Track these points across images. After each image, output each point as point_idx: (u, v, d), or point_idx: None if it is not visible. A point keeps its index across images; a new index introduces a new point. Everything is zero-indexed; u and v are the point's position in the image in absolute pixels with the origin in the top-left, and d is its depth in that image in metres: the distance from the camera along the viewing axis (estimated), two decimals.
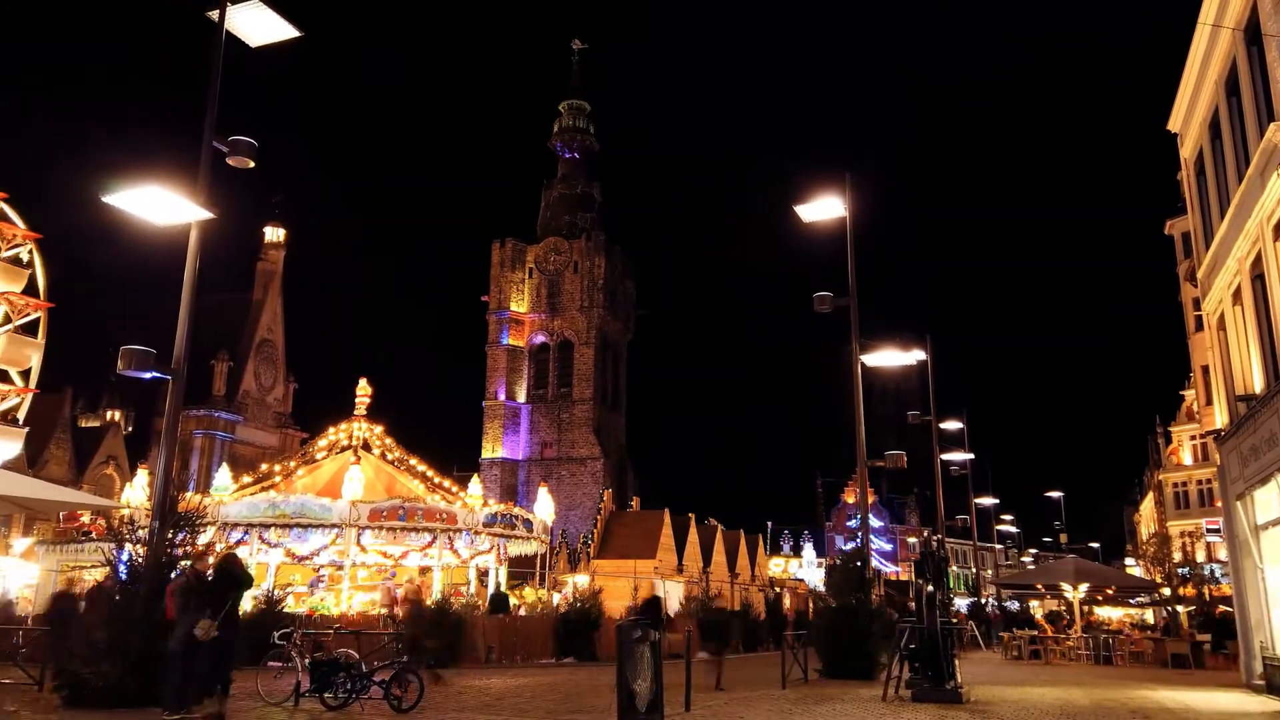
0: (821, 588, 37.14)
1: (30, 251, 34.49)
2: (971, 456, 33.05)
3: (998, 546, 79.74)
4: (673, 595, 38.46)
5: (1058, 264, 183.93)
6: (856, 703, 13.55)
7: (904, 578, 70.66)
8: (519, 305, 74.65)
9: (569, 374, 72.62)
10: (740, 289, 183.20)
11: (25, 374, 33.98)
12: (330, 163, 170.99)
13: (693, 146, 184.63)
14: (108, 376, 57.31)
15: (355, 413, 31.00)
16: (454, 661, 20.88)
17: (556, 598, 30.93)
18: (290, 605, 23.35)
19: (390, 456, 31.30)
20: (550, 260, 75.25)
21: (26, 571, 32.58)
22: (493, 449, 71.52)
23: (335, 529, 25.71)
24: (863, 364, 18.88)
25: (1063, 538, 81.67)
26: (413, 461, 31.46)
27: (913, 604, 17.30)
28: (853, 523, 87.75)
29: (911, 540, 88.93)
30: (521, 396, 72.98)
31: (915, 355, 21.59)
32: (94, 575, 24.80)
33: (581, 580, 36.17)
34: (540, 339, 74.16)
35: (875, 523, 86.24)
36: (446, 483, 31.48)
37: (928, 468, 28.81)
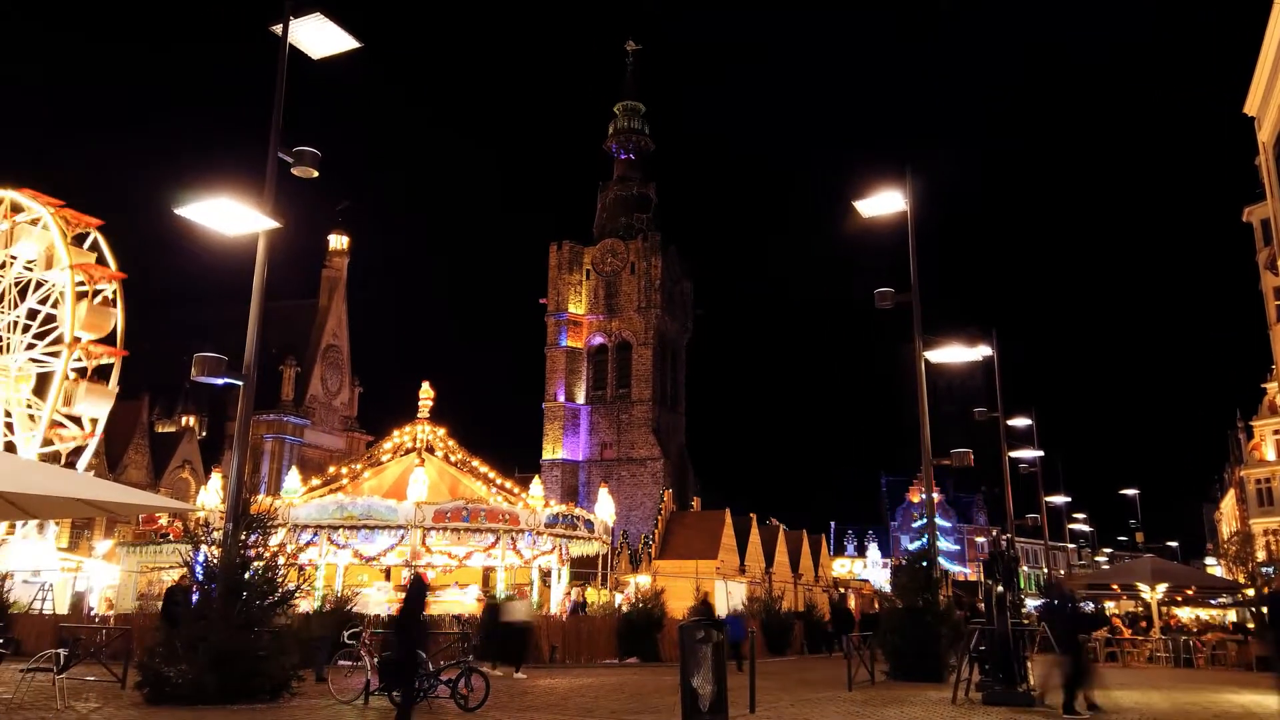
0: (887, 588, 36.60)
1: (115, 291, 35.96)
2: (1041, 454, 32.18)
3: (1070, 546, 77.61)
4: (735, 596, 38.28)
5: (1130, 254, 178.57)
6: (925, 705, 13.31)
7: (972, 578, 69.26)
8: (577, 307, 75.06)
9: (627, 375, 72.78)
10: (800, 286, 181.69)
11: (94, 421, 35.26)
12: (389, 169, 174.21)
13: (749, 143, 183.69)
14: (182, 383, 59.06)
15: (418, 415, 31.50)
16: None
17: (619, 598, 31.02)
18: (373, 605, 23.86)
19: (453, 458, 31.73)
20: (607, 262, 75.51)
21: (109, 572, 33.79)
22: (553, 450, 72.03)
23: (401, 530, 26.14)
24: (926, 361, 18.53)
25: (1139, 537, 79.10)
26: (475, 463, 31.85)
27: (982, 605, 16.93)
28: (919, 522, 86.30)
29: (980, 540, 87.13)
30: (581, 398, 73.36)
31: (981, 351, 21.11)
32: (172, 576, 25.64)
33: (643, 581, 36.21)
34: (598, 340, 74.46)
35: (942, 522, 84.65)
36: (508, 484, 31.80)
37: (996, 466, 28.18)
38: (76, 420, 34.78)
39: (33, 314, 35.69)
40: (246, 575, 12.60)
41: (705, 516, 48.99)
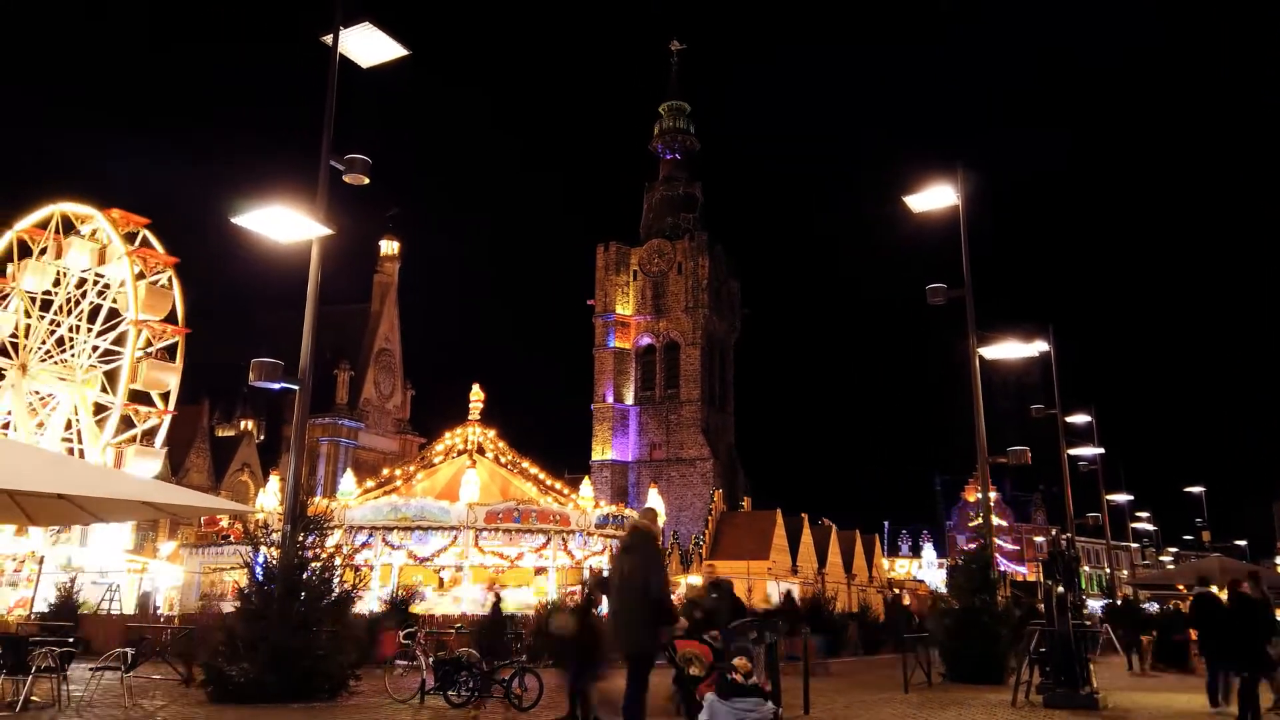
0: (943, 589, 35.98)
1: (170, 277, 36.90)
2: (1102, 451, 31.37)
3: (1133, 545, 75.65)
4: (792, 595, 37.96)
5: (1194, 244, 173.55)
6: (984, 707, 13.06)
7: (1031, 578, 67.88)
8: (624, 308, 75.20)
9: (676, 375, 72.71)
10: (850, 283, 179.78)
11: (165, 396, 36.32)
12: (436, 173, 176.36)
13: (796, 141, 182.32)
14: (241, 388, 60.50)
15: (469, 418, 31.83)
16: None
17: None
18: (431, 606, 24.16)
19: (504, 460, 32.01)
20: (654, 262, 75.53)
21: (173, 573, 34.71)
22: (602, 451, 72.24)
23: (454, 531, 26.44)
24: (981, 357, 18.19)
25: (1205, 535, 76.75)
26: (525, 464, 32.09)
27: (1042, 606, 16.56)
28: (975, 522, 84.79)
29: (1038, 539, 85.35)
30: (629, 398, 73.47)
31: (1037, 346, 20.66)
32: (233, 576, 26.24)
33: (694, 581, 36.13)
34: (646, 341, 74.50)
35: (999, 521, 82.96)
36: (558, 485, 31.99)
37: (1054, 464, 27.52)
38: (148, 401, 35.75)
39: (94, 315, 36.78)
40: (304, 576, 12.82)
41: (756, 517, 48.77)
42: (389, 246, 74.13)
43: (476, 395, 31.85)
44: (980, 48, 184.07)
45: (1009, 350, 18.87)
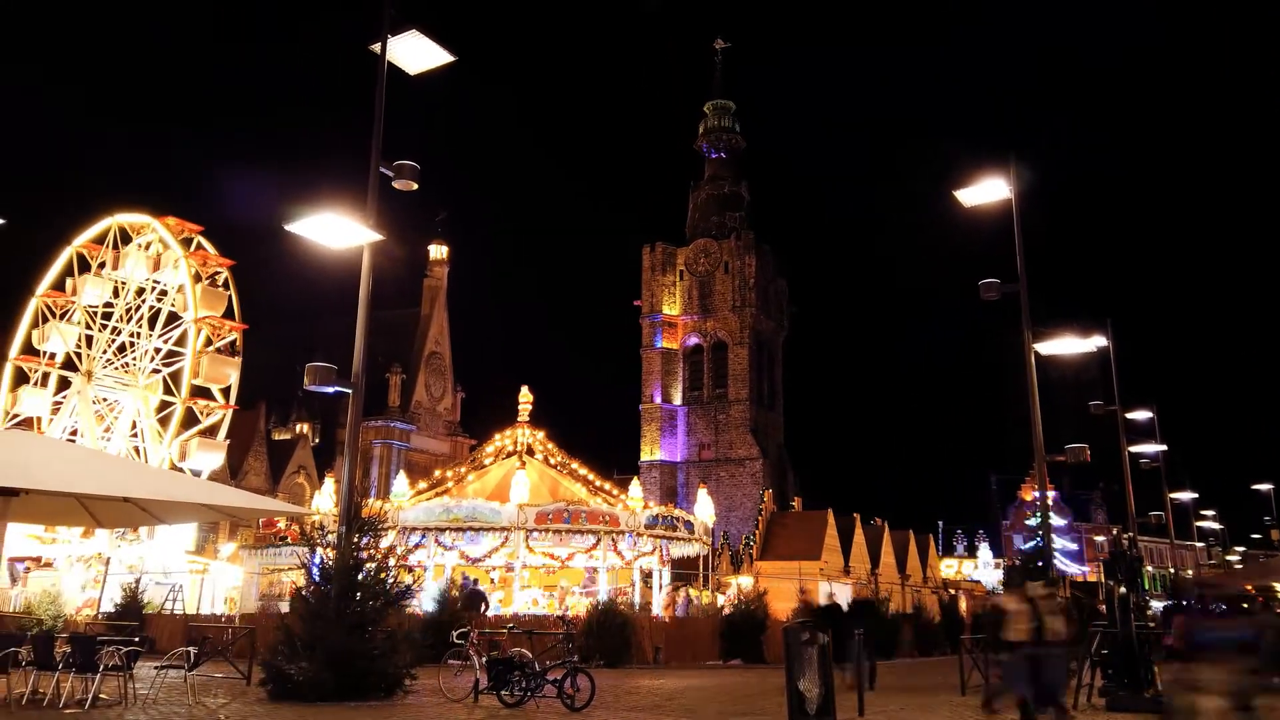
0: (1000, 590, 35.31)
1: (226, 278, 37.82)
2: (1164, 448, 30.47)
3: (1199, 545, 73.48)
4: (840, 597, 37.59)
5: (1254, 234, 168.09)
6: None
7: (1092, 579, 66.35)
8: (671, 308, 75.15)
9: (724, 375, 72.47)
10: (900, 279, 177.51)
11: (225, 391, 37.22)
12: (483, 176, 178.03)
13: (844, 136, 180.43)
14: (296, 392, 61.68)
15: (518, 419, 32.06)
16: (622, 662, 21.21)
17: (721, 599, 30.89)
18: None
19: (553, 461, 32.19)
20: (700, 262, 75.37)
21: (232, 573, 35.52)
22: (651, 451, 72.27)
23: (505, 532, 26.65)
24: (1036, 353, 17.82)
25: (1274, 534, 74.22)
26: (574, 465, 32.24)
27: (1103, 607, 16.15)
28: (1032, 521, 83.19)
29: (1099, 539, 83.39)
30: (677, 399, 73.41)
31: (1095, 341, 20.19)
32: (291, 577, 26.76)
33: (745, 582, 35.97)
34: (693, 341, 74.37)
35: (1057, 521, 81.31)
36: (607, 485, 32.07)
37: (1114, 461, 26.81)
38: (210, 398, 36.70)
39: (153, 320, 37.82)
40: (360, 576, 13.01)
41: (807, 517, 48.38)
42: (438, 251, 75.03)
43: (525, 397, 32.08)
44: (1030, 37, 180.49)
45: (1066, 346, 18.45)
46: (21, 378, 38.44)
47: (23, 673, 11.85)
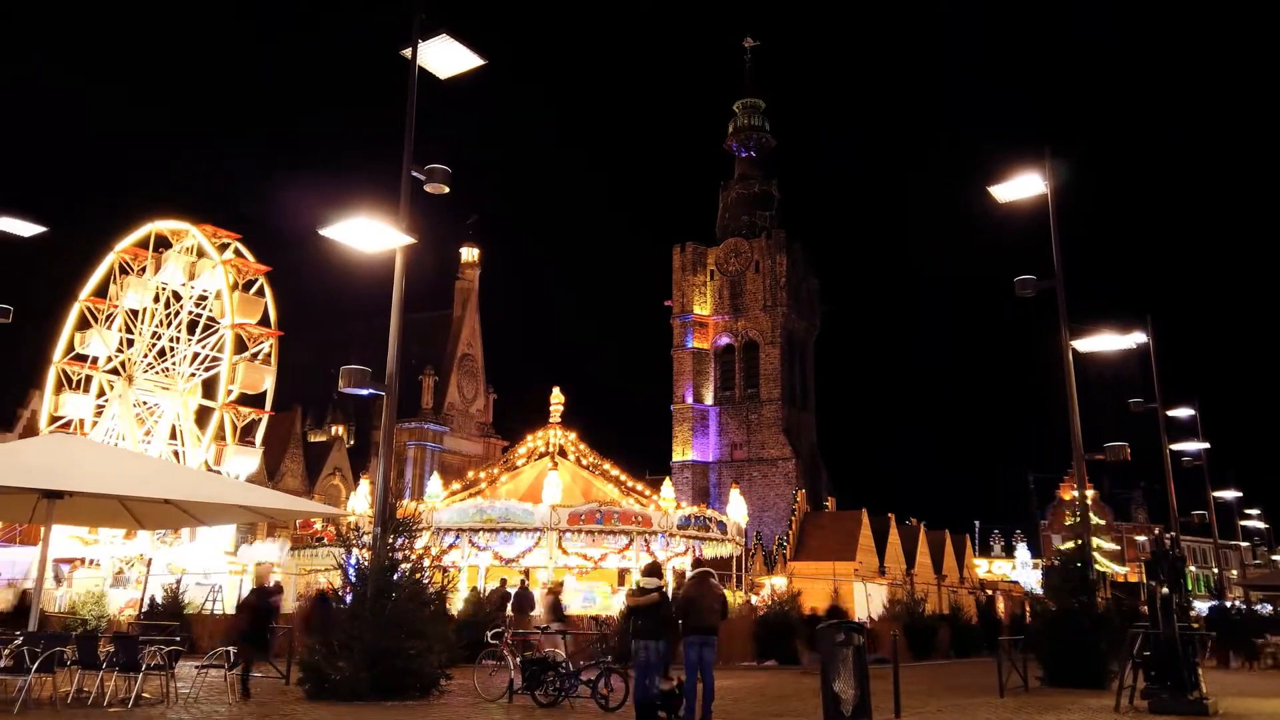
0: (1039, 590, 34.85)
1: (261, 284, 38.39)
2: (1206, 446, 29.88)
3: (1243, 544, 71.99)
4: (875, 598, 37.35)
5: None
6: (1086, 713, 12.60)
7: (1133, 579, 65.25)
8: (702, 308, 75.02)
9: (755, 375, 72.24)
10: (934, 276, 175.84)
11: (261, 397, 37.76)
12: (512, 177, 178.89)
13: (876, 132, 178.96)
14: (331, 394, 62.41)
15: (550, 420, 32.16)
16: None
17: (754, 600, 30.77)
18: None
19: (585, 461, 32.25)
20: (731, 261, 75.19)
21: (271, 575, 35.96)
22: (683, 452, 72.19)
23: (538, 532, 26.75)
24: (1074, 350, 17.56)
25: None
26: (606, 466, 32.28)
27: (1145, 608, 15.86)
28: (1071, 520, 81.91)
29: (1140, 539, 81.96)
30: (709, 399, 73.28)
31: (1135, 338, 19.85)
32: (327, 578, 27.01)
33: (779, 582, 35.79)
34: (725, 341, 74.20)
35: (1097, 520, 79.94)
36: (639, 486, 32.08)
37: (1156, 459, 26.36)
38: (247, 402, 37.33)
39: (192, 326, 38.47)
40: (395, 577, 13.12)
41: (840, 517, 48.08)
42: (469, 254, 75.54)
43: (557, 398, 32.19)
44: (1064, 28, 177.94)
45: (1104, 343, 18.18)
46: (63, 382, 39.26)
47: (68, 672, 12.09)
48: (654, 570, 11.71)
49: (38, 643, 11.22)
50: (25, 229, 19.55)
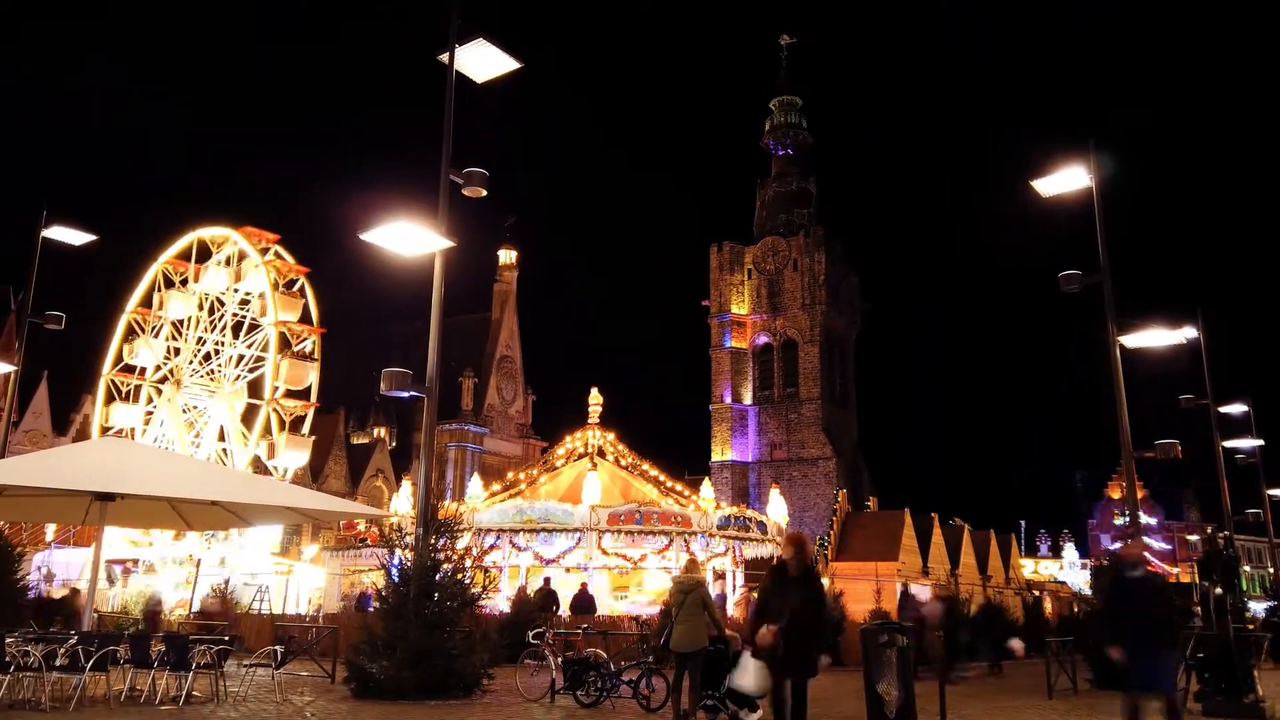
0: (1087, 591, 34.16)
1: (302, 284, 39.05)
2: (1260, 443, 29.09)
3: None
4: (920, 599, 36.92)
5: None
6: None
7: (1185, 580, 63.80)
8: (739, 307, 74.75)
9: (794, 374, 71.79)
10: (977, 272, 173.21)
11: (306, 391, 38.40)
12: (548, 177, 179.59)
13: (915, 125, 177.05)
14: (373, 397, 63.22)
15: (589, 421, 32.25)
16: None
17: None
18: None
19: (624, 462, 32.29)
20: (768, 260, 74.82)
21: (315, 574, 36.53)
22: (721, 452, 71.96)
23: (577, 533, 26.84)
24: (1122, 346, 17.20)
25: None
26: (645, 466, 32.28)
27: (1198, 609, 15.50)
28: (1120, 520, 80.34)
29: (1192, 538, 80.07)
30: (748, 398, 72.97)
31: (1185, 332, 19.38)
32: (371, 578, 27.37)
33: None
34: (763, 340, 73.85)
35: (1147, 519, 78.37)
36: (678, 486, 32.04)
37: (1208, 457, 25.70)
38: (290, 396, 38.01)
39: (235, 329, 39.21)
40: (437, 577, 13.24)
41: (883, 516, 47.59)
42: (507, 256, 75.99)
43: (595, 399, 32.27)
44: (1108, 17, 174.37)
45: (1153, 338, 17.79)
46: (113, 394, 40.13)
47: (121, 670, 12.35)
48: (692, 566, 11.75)
49: (92, 642, 11.49)
50: (76, 237, 20.07)
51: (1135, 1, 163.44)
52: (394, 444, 66.73)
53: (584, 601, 24.65)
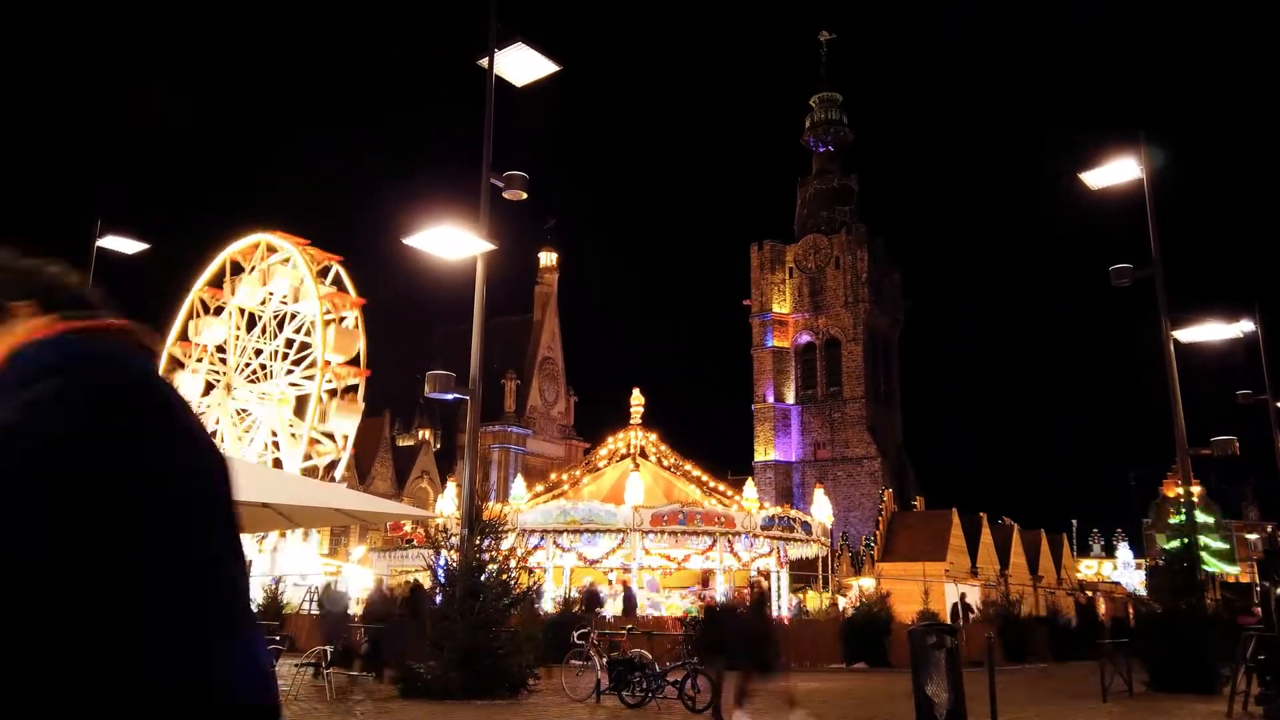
0: (1142, 591, 33.49)
1: (356, 318, 39.63)
2: None
3: None
4: (968, 600, 36.40)
5: None
6: (1194, 719, 12.00)
7: (1244, 579, 62.11)
8: (781, 306, 74.30)
9: (837, 373, 71.19)
10: (1024, 266, 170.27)
11: (345, 437, 38.96)
12: (587, 179, 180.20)
13: (958, 118, 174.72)
14: (417, 399, 63.88)
15: (631, 422, 32.28)
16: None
17: (842, 601, 30.32)
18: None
19: (666, 462, 32.27)
20: (810, 258, 74.29)
21: (363, 575, 37.03)
22: (764, 452, 71.59)
23: (620, 534, 26.87)
24: (1176, 341, 16.79)
25: None
26: (687, 467, 32.23)
27: (1258, 609, 15.07)
28: (1176, 519, 78.40)
29: (1251, 537, 77.89)
30: (790, 398, 72.52)
31: (1241, 326, 18.89)
32: (417, 578, 27.60)
33: (867, 584, 35.19)
34: (805, 339, 73.33)
35: (1204, 518, 76.34)
36: (721, 486, 31.94)
37: (1267, 453, 24.97)
38: (330, 436, 38.55)
39: (289, 342, 39.90)
40: (482, 578, 13.33)
41: (930, 516, 46.99)
42: (548, 258, 76.38)
43: (637, 400, 32.30)
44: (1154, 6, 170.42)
45: (1208, 332, 17.37)
46: (175, 365, 41.16)
47: None
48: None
49: None
50: (129, 246, 20.56)
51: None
52: (438, 446, 67.37)
53: (631, 601, 24.74)
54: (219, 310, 40.98)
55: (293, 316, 39.84)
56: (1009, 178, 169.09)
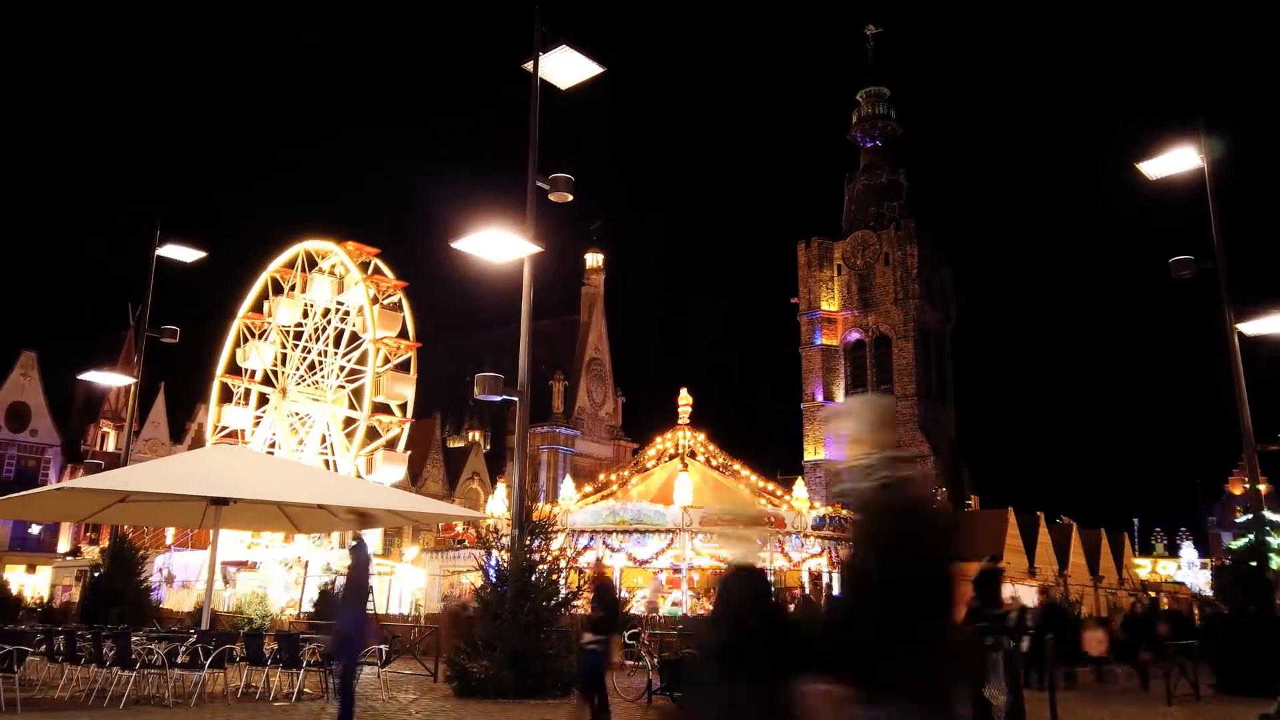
0: (1208, 592, 32.50)
1: (400, 299, 40.16)
2: None
3: None
4: (1025, 599, 35.73)
5: None
6: None
7: None
8: (829, 304, 73.65)
9: (888, 370, 70.35)
10: (1081, 259, 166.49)
11: (403, 406, 39.50)
12: (632, 178, 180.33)
13: (1010, 107, 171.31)
14: (467, 401, 64.55)
15: (679, 422, 32.23)
16: None
17: None
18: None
19: (715, 462, 32.16)
20: (858, 255, 73.53)
21: (416, 575, 37.52)
22: (814, 451, 71.02)
23: (670, 534, 26.86)
24: (1240, 334, 16.28)
25: None
26: (736, 466, 32.08)
27: None
28: (1243, 517, 76.04)
29: None
30: (839, 396, 71.85)
31: None
32: (469, 579, 27.89)
33: None
34: (854, 336, 72.60)
35: (1271, 516, 73.80)
36: (771, 486, 31.74)
37: None
38: (387, 409, 39.27)
39: (338, 340, 40.62)
40: (533, 578, 13.41)
41: (985, 516, 46.16)
42: (594, 259, 76.62)
43: (685, 400, 32.25)
44: None
45: (1274, 324, 16.79)
46: (225, 396, 42.19)
47: (237, 667, 12.91)
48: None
49: (210, 641, 12.05)
50: (187, 254, 21.08)
51: None
52: (488, 447, 67.97)
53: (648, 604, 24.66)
54: (263, 334, 41.80)
55: (339, 308, 40.52)
56: (1063, 170, 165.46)
